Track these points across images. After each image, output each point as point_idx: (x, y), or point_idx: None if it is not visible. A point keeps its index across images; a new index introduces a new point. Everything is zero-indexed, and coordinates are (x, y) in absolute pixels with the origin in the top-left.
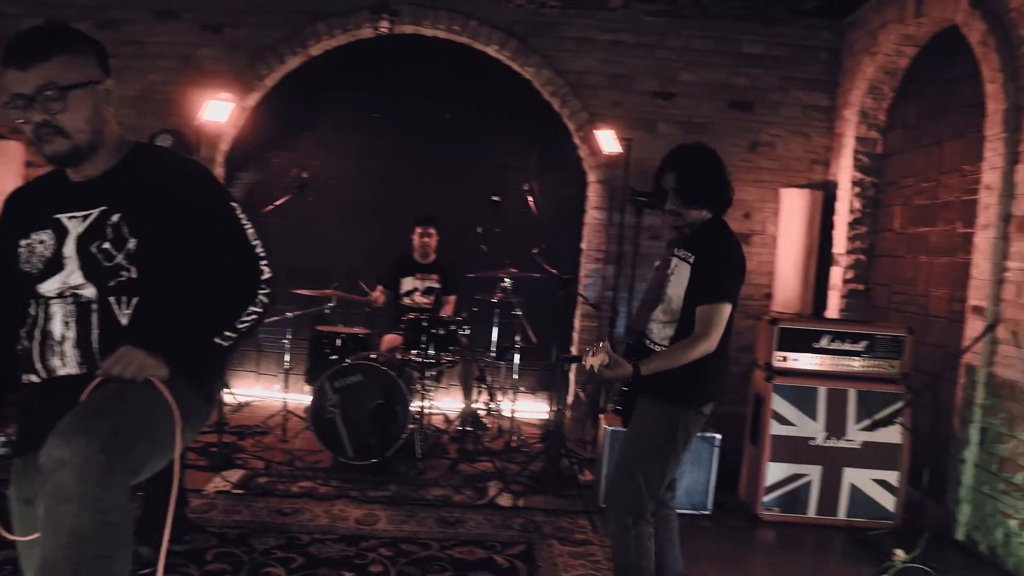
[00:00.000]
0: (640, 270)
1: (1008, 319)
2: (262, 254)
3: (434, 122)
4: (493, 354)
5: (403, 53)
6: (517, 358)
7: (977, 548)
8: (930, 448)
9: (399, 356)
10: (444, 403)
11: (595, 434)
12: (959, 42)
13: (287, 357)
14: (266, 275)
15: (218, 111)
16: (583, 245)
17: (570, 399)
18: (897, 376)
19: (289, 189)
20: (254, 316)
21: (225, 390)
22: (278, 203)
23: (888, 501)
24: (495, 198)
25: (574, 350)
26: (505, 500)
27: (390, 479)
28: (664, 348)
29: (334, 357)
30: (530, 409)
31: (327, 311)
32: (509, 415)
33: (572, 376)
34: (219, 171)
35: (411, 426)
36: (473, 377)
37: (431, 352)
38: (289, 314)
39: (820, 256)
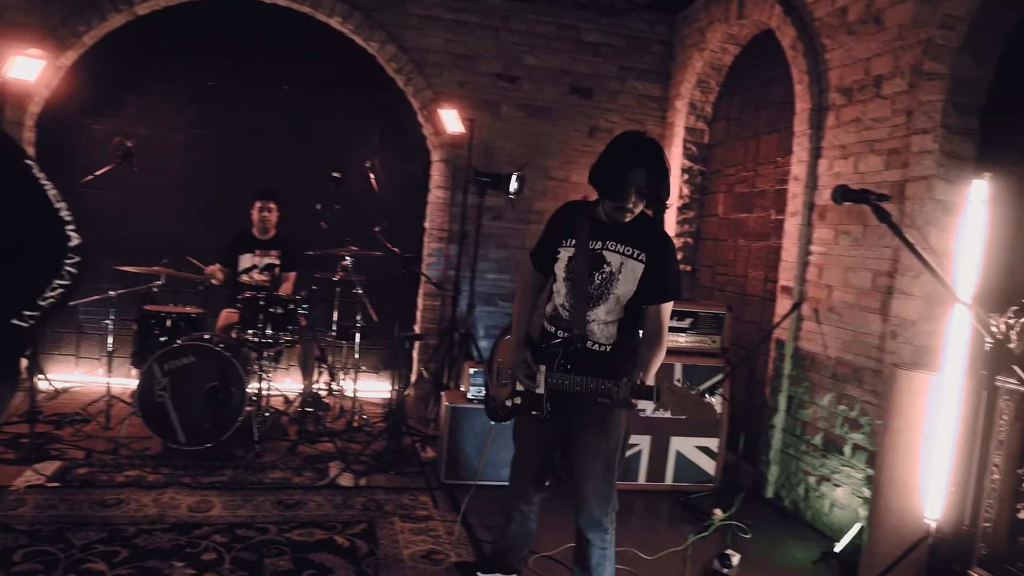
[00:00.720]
0: (483, 250)
1: (811, 298)
2: (67, 218)
3: (273, 93)
4: (334, 333)
5: (240, 19)
6: (358, 337)
7: (784, 504)
8: (746, 415)
9: (235, 336)
10: (284, 384)
11: (437, 411)
12: (775, 44)
13: (110, 339)
14: (73, 242)
15: (26, 68)
16: (426, 224)
17: (413, 377)
18: (718, 350)
19: (112, 158)
20: (60, 290)
21: (39, 375)
22: (99, 172)
23: (709, 466)
24: (335, 174)
25: (417, 328)
26: (346, 480)
27: (226, 464)
28: (609, 348)
29: (164, 338)
30: (373, 388)
31: (155, 289)
32: (351, 395)
33: (415, 354)
34: (28, 135)
35: (248, 408)
36: (313, 357)
37: (269, 332)
38: (112, 293)
39: None
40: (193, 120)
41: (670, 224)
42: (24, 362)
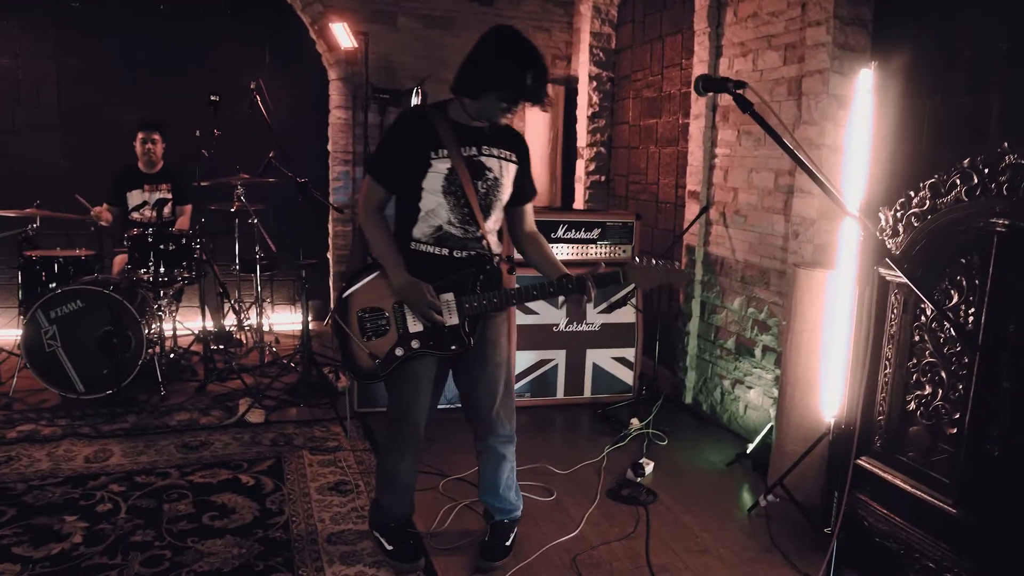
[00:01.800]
0: None
1: (718, 202)
2: None
3: (149, 15)
4: (237, 267)
5: None
6: (259, 270)
7: (702, 409)
8: (662, 324)
9: (127, 276)
10: (195, 323)
11: None
12: None
13: None
14: None
15: None
16: (330, 147)
17: (333, 306)
18: (629, 260)
19: None
20: None
21: None
22: None
23: (627, 376)
24: (213, 97)
25: (330, 256)
26: (256, 416)
27: (129, 410)
28: (498, 257)
29: (53, 284)
30: (290, 320)
31: (31, 233)
32: (263, 328)
33: (331, 283)
34: None
35: (150, 351)
36: (216, 293)
37: (162, 270)
38: None
39: (567, 150)
40: (61, 47)
41: (581, 135)
42: None
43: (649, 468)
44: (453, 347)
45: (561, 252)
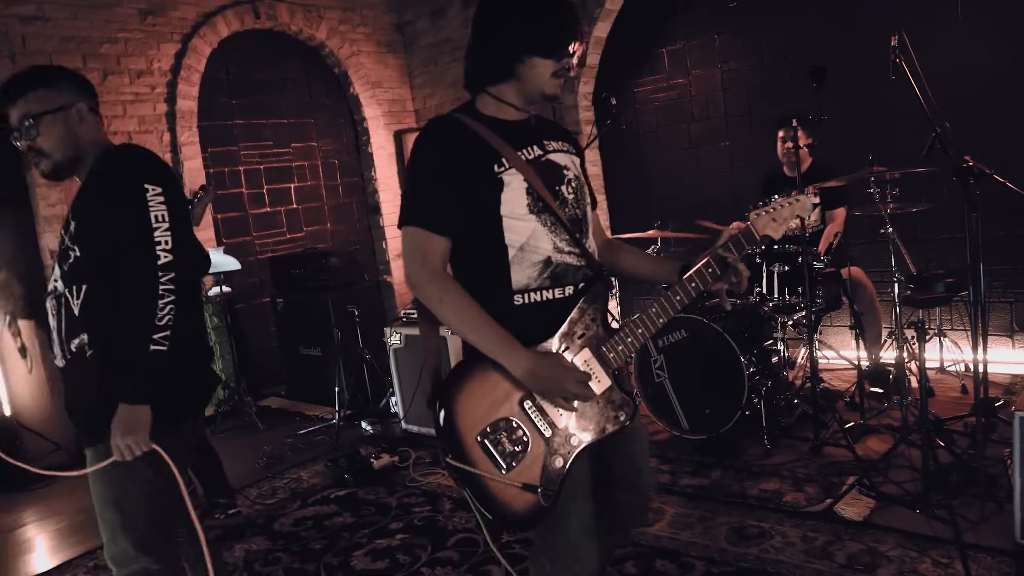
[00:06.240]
0: None
1: None
2: (160, 238)
3: None
4: (909, 289)
5: None
6: (928, 290)
7: None
8: None
9: (743, 303)
10: (849, 353)
11: None
12: None
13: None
14: (162, 260)
15: None
16: None
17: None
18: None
19: (605, 118)
20: (170, 307)
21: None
22: (592, 137)
23: None
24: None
25: None
26: (856, 509)
27: (721, 461)
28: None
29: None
30: (1000, 359)
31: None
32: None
33: None
34: (586, 115)
35: (754, 395)
36: (874, 320)
37: (776, 294)
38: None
39: None
40: (722, 53)
41: None
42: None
43: None
44: (621, 417)
45: None
